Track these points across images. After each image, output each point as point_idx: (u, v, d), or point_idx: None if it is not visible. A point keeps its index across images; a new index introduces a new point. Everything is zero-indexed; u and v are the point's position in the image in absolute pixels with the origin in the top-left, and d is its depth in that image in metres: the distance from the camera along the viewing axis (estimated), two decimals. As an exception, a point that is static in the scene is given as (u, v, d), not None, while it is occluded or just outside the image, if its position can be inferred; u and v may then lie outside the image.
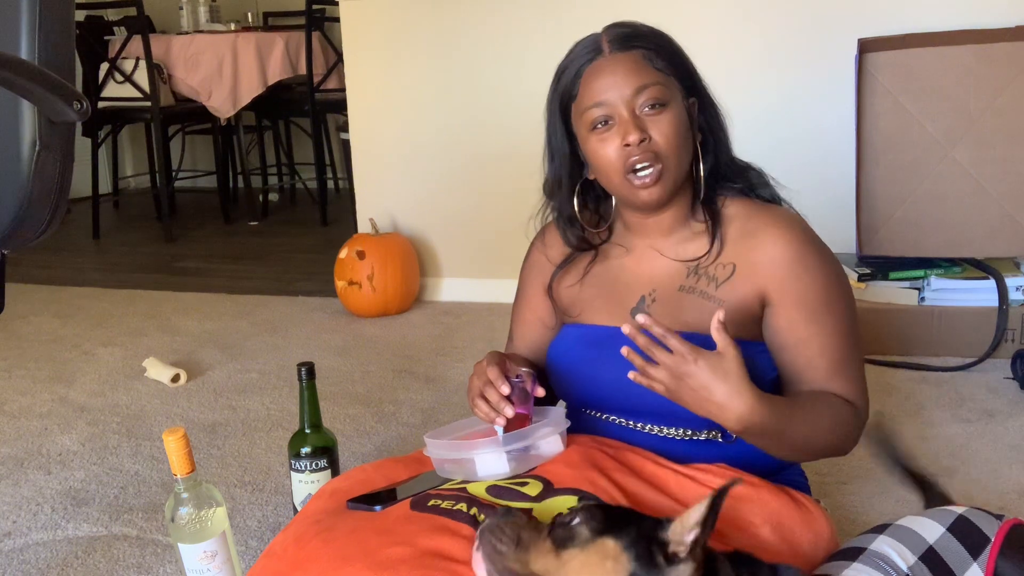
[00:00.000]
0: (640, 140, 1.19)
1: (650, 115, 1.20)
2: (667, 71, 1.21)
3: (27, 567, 1.58)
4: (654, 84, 1.19)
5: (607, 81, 1.20)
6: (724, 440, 1.27)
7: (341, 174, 5.14)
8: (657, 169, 1.20)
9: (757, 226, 1.25)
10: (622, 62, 1.20)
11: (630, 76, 1.19)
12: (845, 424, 1.22)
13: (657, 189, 1.22)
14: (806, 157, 2.68)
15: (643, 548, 0.92)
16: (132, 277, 3.68)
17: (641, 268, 1.32)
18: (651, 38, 1.23)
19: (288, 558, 1.07)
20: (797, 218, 1.27)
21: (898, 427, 2.01)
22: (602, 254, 1.37)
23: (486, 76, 3.04)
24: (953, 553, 1.07)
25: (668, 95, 1.20)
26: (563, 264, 1.39)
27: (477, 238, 3.15)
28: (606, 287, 1.34)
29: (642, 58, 1.20)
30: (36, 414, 2.29)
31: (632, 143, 1.19)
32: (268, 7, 5.46)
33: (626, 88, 1.19)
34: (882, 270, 2.48)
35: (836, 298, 1.24)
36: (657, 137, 1.19)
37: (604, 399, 1.30)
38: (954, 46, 2.43)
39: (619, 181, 1.23)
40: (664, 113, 1.20)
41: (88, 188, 4.48)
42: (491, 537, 0.95)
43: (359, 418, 2.18)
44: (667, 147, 1.20)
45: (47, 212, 1.23)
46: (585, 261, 1.37)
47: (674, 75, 1.22)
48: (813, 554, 1.17)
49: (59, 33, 1.19)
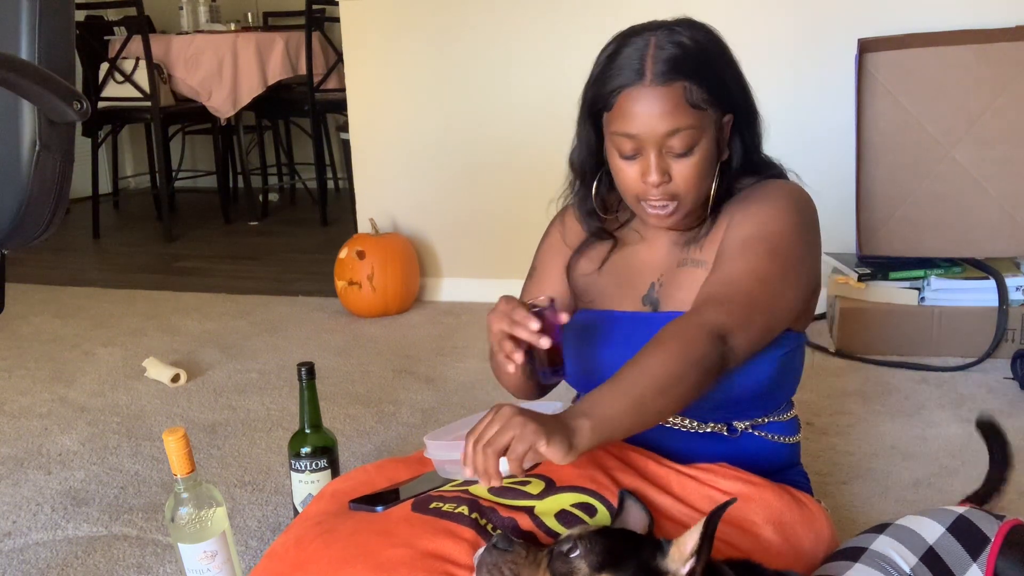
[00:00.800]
0: (659, 183, 1.18)
1: (676, 158, 1.18)
2: (705, 104, 1.17)
3: (27, 567, 1.58)
4: (687, 129, 1.16)
5: (642, 116, 1.16)
6: (729, 434, 1.27)
7: (341, 174, 5.14)
8: (672, 206, 1.21)
9: (753, 191, 1.26)
10: (661, 98, 1.16)
11: (665, 117, 1.15)
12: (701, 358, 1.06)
13: (668, 221, 1.23)
14: (806, 157, 2.66)
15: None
16: (132, 277, 3.68)
17: (652, 255, 1.32)
18: (697, 63, 1.17)
19: (289, 559, 1.07)
20: (793, 183, 1.28)
21: (898, 427, 2.01)
22: (620, 242, 1.36)
23: (486, 76, 3.04)
24: (953, 554, 1.07)
25: (699, 136, 1.17)
26: (580, 248, 1.39)
27: (477, 238, 3.15)
28: (620, 274, 1.34)
29: (682, 95, 1.16)
30: (36, 414, 2.29)
31: (651, 184, 1.19)
32: (268, 7, 5.46)
33: (659, 127, 1.16)
34: (882, 270, 2.48)
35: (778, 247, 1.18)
36: (678, 180, 1.19)
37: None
38: (954, 46, 2.43)
39: (632, 202, 1.24)
40: (690, 157, 1.18)
41: (88, 188, 4.48)
42: (490, 560, 0.94)
43: (359, 418, 2.18)
44: (686, 189, 1.20)
45: (47, 212, 1.23)
46: (604, 249, 1.37)
47: (712, 104, 1.18)
48: (814, 554, 1.17)
49: (59, 33, 1.19)
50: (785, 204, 1.23)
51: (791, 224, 1.21)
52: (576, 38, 2.89)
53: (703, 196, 1.24)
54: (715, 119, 1.20)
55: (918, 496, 1.69)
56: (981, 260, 2.45)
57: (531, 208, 3.09)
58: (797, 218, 1.23)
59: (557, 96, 2.99)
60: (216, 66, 4.34)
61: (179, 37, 4.47)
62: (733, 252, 1.20)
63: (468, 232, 3.16)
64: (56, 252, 4.14)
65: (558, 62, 2.92)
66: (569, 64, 2.94)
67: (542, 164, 2.98)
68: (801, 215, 1.24)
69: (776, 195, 1.24)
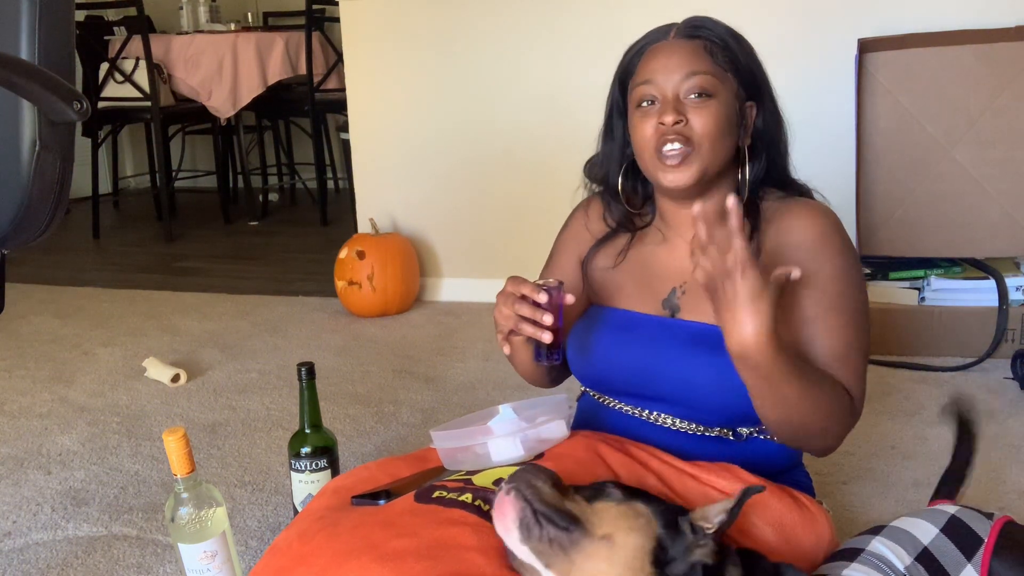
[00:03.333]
0: (675, 122, 1.19)
1: (693, 102, 1.20)
2: (726, 66, 1.22)
3: (27, 567, 1.58)
4: (704, 73, 1.20)
5: (662, 62, 1.22)
6: (735, 438, 1.27)
7: (341, 174, 5.14)
8: (685, 150, 1.20)
9: (786, 213, 1.26)
10: (681, 47, 1.22)
11: (684, 62, 1.21)
12: (841, 409, 1.19)
13: (682, 172, 1.21)
14: (806, 157, 2.67)
15: (671, 517, 0.96)
16: (132, 277, 3.68)
17: (674, 260, 1.32)
18: (721, 34, 1.24)
19: (292, 554, 1.07)
20: (825, 207, 1.28)
21: (898, 427, 2.01)
22: (639, 239, 1.36)
23: (486, 76, 3.04)
24: (948, 554, 1.07)
25: (717, 87, 1.21)
26: (602, 241, 1.39)
27: (477, 238, 3.15)
28: (638, 274, 1.34)
29: (702, 48, 1.22)
30: (36, 414, 2.29)
31: (667, 123, 1.20)
32: (268, 7, 5.47)
33: (677, 72, 1.21)
34: (882, 270, 2.48)
35: (850, 288, 1.23)
36: (694, 122, 1.20)
37: (621, 381, 1.30)
38: (954, 46, 2.43)
39: (649, 159, 1.24)
40: (708, 104, 1.20)
41: (88, 188, 4.48)
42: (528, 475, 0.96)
43: (359, 418, 2.18)
44: (701, 134, 1.20)
45: (47, 212, 1.23)
46: (622, 243, 1.37)
47: (734, 72, 1.23)
48: (814, 555, 1.17)
49: (59, 33, 1.19)
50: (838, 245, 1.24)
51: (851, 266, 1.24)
52: (577, 38, 2.89)
53: (720, 160, 1.23)
54: (734, 89, 1.23)
55: (918, 496, 1.69)
56: (981, 260, 2.45)
57: (531, 208, 3.10)
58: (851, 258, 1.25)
59: (557, 95, 3.00)
60: (216, 66, 4.34)
61: (179, 37, 4.47)
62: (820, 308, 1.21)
63: (468, 232, 3.16)
64: (56, 252, 4.14)
65: (559, 62, 2.92)
66: (570, 64, 2.95)
67: (542, 164, 2.99)
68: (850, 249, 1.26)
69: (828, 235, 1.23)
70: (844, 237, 1.25)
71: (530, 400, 1.30)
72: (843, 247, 1.24)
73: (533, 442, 1.18)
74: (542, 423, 1.19)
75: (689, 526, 0.95)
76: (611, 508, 0.95)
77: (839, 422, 1.19)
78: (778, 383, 1.10)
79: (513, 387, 2.32)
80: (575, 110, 2.79)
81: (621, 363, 1.29)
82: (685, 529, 0.95)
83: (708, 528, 0.95)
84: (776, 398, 1.13)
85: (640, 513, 0.95)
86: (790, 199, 1.28)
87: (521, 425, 1.18)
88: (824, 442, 1.23)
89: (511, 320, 1.17)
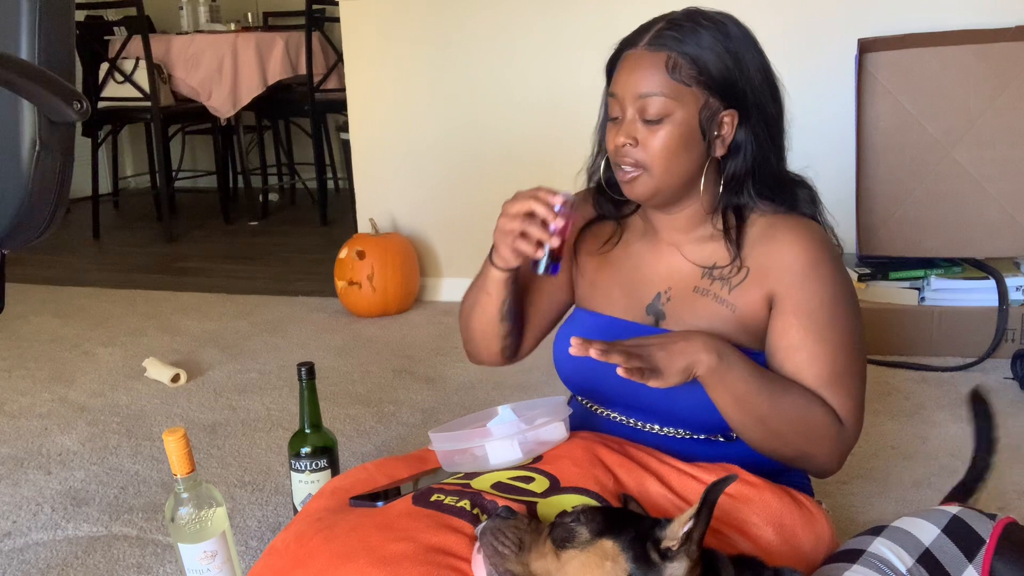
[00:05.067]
0: (624, 144, 1.21)
1: (646, 125, 1.20)
2: (690, 81, 1.18)
3: (27, 567, 1.58)
4: (657, 96, 1.17)
5: (624, 77, 1.21)
6: (726, 440, 1.27)
7: (341, 174, 5.14)
8: (636, 173, 1.22)
9: (775, 232, 1.24)
10: (643, 62, 1.19)
11: (641, 81, 1.19)
12: (822, 429, 1.19)
13: (635, 188, 1.23)
14: (806, 157, 2.67)
15: (640, 548, 0.93)
16: (132, 277, 3.68)
17: (659, 263, 1.32)
18: (697, 44, 1.18)
19: (290, 555, 1.07)
20: (817, 228, 1.26)
21: (898, 427, 2.01)
22: (625, 231, 1.37)
23: (486, 75, 3.04)
24: (949, 555, 1.07)
25: (671, 107, 1.18)
26: (591, 223, 1.40)
27: (477, 238, 3.14)
28: (624, 276, 1.34)
29: (665, 64, 1.17)
30: (36, 414, 2.29)
31: (618, 145, 1.21)
32: (268, 7, 5.46)
33: (634, 88, 1.19)
34: (882, 270, 2.48)
35: (840, 312, 1.22)
36: (644, 144, 1.20)
37: (610, 391, 1.30)
38: (954, 46, 2.43)
39: (613, 168, 1.26)
40: (659, 127, 1.19)
41: (88, 188, 4.48)
42: (492, 539, 0.95)
43: (359, 418, 2.18)
44: (651, 158, 1.20)
45: (47, 212, 1.23)
46: (609, 231, 1.38)
47: (702, 85, 1.18)
48: (814, 555, 1.17)
49: (59, 33, 1.19)
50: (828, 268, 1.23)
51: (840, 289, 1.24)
52: (576, 37, 2.89)
53: (677, 177, 1.22)
54: (704, 102, 1.19)
55: (918, 496, 1.70)
56: (981, 260, 2.45)
57: (531, 208, 3.09)
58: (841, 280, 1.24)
59: (557, 95, 3.00)
60: (216, 66, 4.34)
61: (179, 37, 4.47)
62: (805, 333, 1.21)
63: (468, 232, 3.16)
64: (56, 252, 4.14)
65: (558, 61, 2.92)
66: (569, 63, 2.95)
67: (543, 163, 2.99)
68: (841, 271, 1.25)
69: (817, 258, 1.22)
70: (835, 261, 1.24)
71: (529, 401, 1.30)
72: (834, 273, 1.23)
73: (532, 444, 1.17)
74: (541, 425, 1.19)
75: (656, 552, 0.93)
76: (576, 556, 0.93)
77: (821, 443, 1.20)
78: (750, 387, 1.15)
79: (513, 387, 2.32)
80: (575, 109, 2.78)
81: (607, 373, 1.29)
82: (654, 557, 0.92)
83: (673, 545, 0.92)
84: (751, 409, 1.16)
85: (607, 555, 0.93)
86: (780, 217, 1.25)
87: (520, 427, 1.18)
88: (809, 464, 1.24)
89: (518, 221, 1.19)
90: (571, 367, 1.34)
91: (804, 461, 1.24)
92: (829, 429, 1.19)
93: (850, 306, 1.24)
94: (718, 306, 1.25)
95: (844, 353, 1.21)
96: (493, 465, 1.16)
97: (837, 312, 1.22)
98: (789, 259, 1.22)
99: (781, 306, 1.22)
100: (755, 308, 1.24)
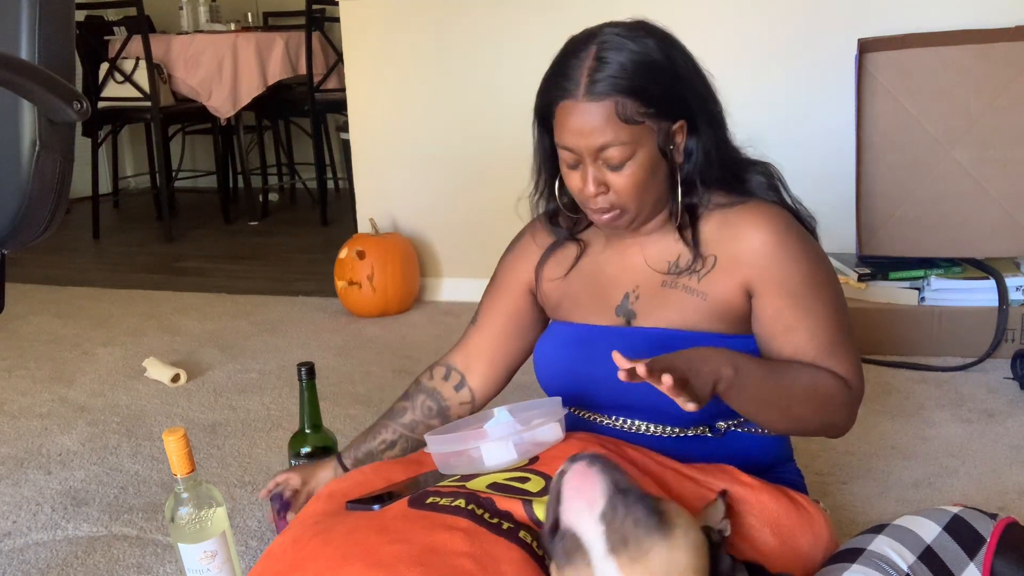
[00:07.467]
0: (595, 194, 1.21)
1: (612, 170, 1.20)
2: (641, 117, 1.17)
3: (27, 567, 1.59)
4: (618, 144, 1.17)
5: (575, 130, 1.19)
6: (713, 434, 1.27)
7: (341, 174, 5.14)
8: (614, 213, 1.23)
9: (737, 218, 1.25)
10: (590, 116, 1.17)
11: (596, 133, 1.17)
12: (836, 399, 1.22)
13: (614, 224, 1.25)
14: (806, 157, 2.68)
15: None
16: (132, 277, 3.68)
17: (624, 264, 1.32)
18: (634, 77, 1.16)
19: (287, 559, 1.07)
20: (775, 210, 1.26)
21: (898, 427, 2.01)
22: (588, 246, 1.37)
23: (486, 76, 3.04)
24: (951, 553, 1.07)
25: (633, 150, 1.18)
26: (551, 248, 1.40)
27: (477, 238, 3.15)
28: (591, 283, 1.35)
29: (613, 111, 1.16)
30: (36, 414, 2.29)
31: (588, 195, 1.22)
32: (268, 7, 5.46)
33: (590, 142, 1.18)
34: (882, 270, 2.48)
35: (821, 282, 1.24)
36: (616, 190, 1.21)
37: (596, 396, 1.31)
38: (954, 46, 2.43)
39: (582, 206, 1.27)
40: (625, 170, 1.19)
41: (88, 188, 4.48)
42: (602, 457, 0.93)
43: (359, 418, 2.18)
44: (625, 199, 1.21)
45: (47, 212, 1.23)
46: (572, 255, 1.38)
47: (653, 116, 1.18)
48: (813, 555, 1.17)
49: (59, 33, 1.19)
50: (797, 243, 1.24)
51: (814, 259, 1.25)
52: (576, 38, 2.89)
53: (650, 203, 1.25)
54: (657, 130, 1.19)
55: (918, 496, 1.70)
56: (981, 260, 2.45)
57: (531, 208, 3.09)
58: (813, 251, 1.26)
59: (557, 96, 3.00)
60: (216, 66, 4.34)
61: (179, 37, 4.47)
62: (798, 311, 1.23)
63: (468, 232, 3.16)
64: (56, 252, 4.14)
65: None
66: (569, 64, 2.95)
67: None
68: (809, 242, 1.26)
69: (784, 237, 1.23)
70: (798, 233, 1.25)
71: (526, 403, 1.30)
72: (804, 247, 1.24)
73: (528, 445, 1.18)
74: (536, 426, 1.19)
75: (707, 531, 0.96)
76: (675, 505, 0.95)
77: (836, 407, 1.23)
78: (768, 380, 1.16)
79: (511, 388, 2.31)
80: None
81: (589, 379, 1.30)
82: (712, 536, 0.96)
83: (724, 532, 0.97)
84: (773, 400, 1.17)
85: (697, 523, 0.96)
86: (736, 205, 1.26)
87: (516, 428, 1.18)
88: (830, 428, 1.27)
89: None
90: (551, 377, 1.36)
91: (825, 430, 1.27)
92: (841, 396, 1.22)
93: (826, 272, 1.26)
94: (688, 296, 1.26)
95: (834, 319, 1.24)
96: (489, 467, 1.16)
97: (818, 281, 1.24)
98: (756, 245, 1.23)
99: (763, 292, 1.23)
100: (729, 296, 1.25)
